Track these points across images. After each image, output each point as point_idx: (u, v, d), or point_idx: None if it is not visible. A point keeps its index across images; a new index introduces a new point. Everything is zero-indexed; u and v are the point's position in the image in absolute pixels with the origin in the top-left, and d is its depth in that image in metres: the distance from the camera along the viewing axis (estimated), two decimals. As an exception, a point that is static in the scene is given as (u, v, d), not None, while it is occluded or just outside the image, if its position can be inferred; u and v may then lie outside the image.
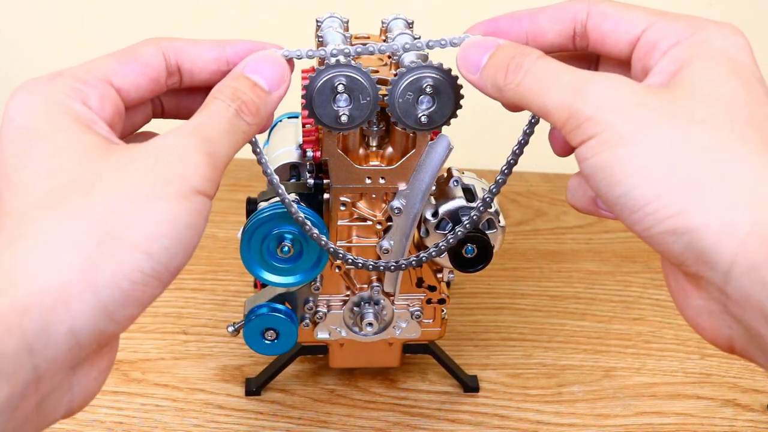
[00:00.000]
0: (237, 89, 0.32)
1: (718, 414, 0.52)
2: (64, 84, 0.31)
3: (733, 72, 0.29)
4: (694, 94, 0.28)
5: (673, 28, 0.31)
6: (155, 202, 0.27)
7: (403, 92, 0.37)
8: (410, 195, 0.41)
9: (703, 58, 0.30)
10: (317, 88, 0.37)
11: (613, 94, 0.28)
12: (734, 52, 0.30)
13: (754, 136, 0.27)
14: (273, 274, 0.42)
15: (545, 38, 0.34)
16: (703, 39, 0.30)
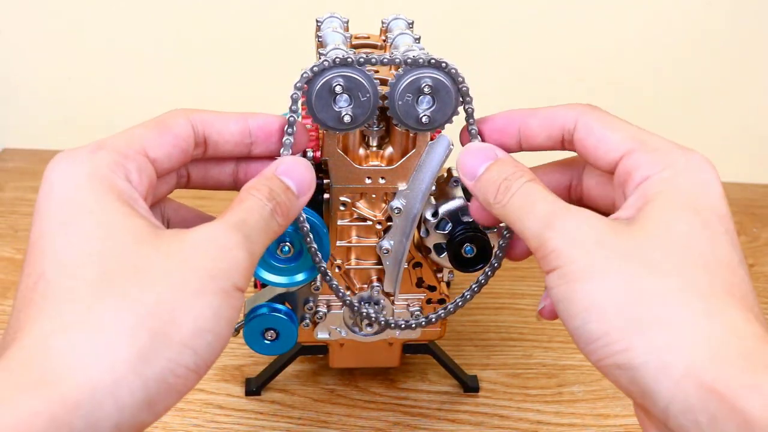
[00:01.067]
0: (273, 190, 0.34)
1: (718, 414, 0.52)
2: (107, 157, 0.31)
3: (693, 213, 0.30)
4: (651, 235, 0.30)
5: (646, 160, 0.33)
6: (202, 297, 0.28)
7: (403, 93, 0.37)
8: (410, 195, 0.41)
9: (666, 196, 0.31)
10: (316, 92, 0.37)
11: (577, 231, 0.30)
12: (698, 190, 0.31)
13: (701, 279, 0.29)
14: (273, 274, 0.42)
15: (536, 140, 0.37)
16: (670, 176, 0.32)
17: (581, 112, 0.35)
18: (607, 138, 0.34)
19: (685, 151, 0.33)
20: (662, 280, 0.29)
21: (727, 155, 0.84)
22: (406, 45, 0.40)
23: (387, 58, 0.37)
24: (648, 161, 0.32)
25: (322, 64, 0.36)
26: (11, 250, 0.66)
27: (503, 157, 0.36)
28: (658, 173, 0.32)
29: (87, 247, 0.28)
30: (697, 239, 0.30)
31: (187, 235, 0.30)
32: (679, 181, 0.31)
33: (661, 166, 0.32)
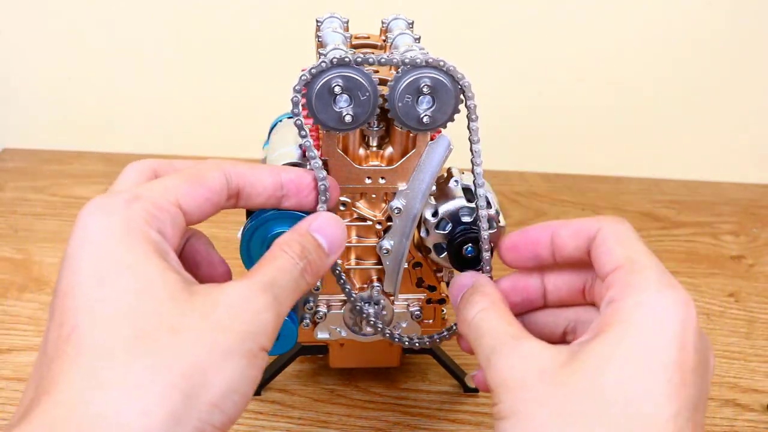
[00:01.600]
0: (305, 248, 0.35)
1: (718, 414, 0.52)
2: (143, 209, 0.31)
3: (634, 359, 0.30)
4: (580, 382, 0.30)
5: (623, 282, 0.33)
6: (231, 359, 0.29)
7: (402, 93, 0.37)
8: (410, 195, 0.41)
9: (616, 333, 0.31)
10: (315, 93, 0.37)
11: (508, 372, 0.31)
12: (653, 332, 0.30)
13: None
14: (273, 274, 0.42)
15: (566, 250, 0.37)
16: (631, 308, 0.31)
17: (606, 224, 0.36)
18: (611, 251, 0.34)
19: (662, 286, 0.32)
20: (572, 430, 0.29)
21: (727, 155, 0.84)
22: (406, 45, 0.40)
23: (385, 58, 0.37)
24: (621, 283, 0.32)
25: (320, 65, 0.36)
26: (11, 250, 0.66)
27: (475, 283, 0.38)
28: (621, 301, 0.32)
29: (123, 303, 0.28)
30: (625, 390, 0.29)
31: (220, 295, 0.30)
32: (635, 318, 0.31)
33: (627, 294, 0.32)
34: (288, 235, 0.35)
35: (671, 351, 0.30)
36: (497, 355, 0.32)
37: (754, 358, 0.57)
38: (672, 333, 0.30)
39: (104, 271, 0.29)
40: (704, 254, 0.70)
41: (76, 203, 0.73)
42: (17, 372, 0.53)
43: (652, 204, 0.78)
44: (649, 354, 0.30)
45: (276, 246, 0.34)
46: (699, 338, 0.31)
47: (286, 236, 0.35)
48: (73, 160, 0.81)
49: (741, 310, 0.63)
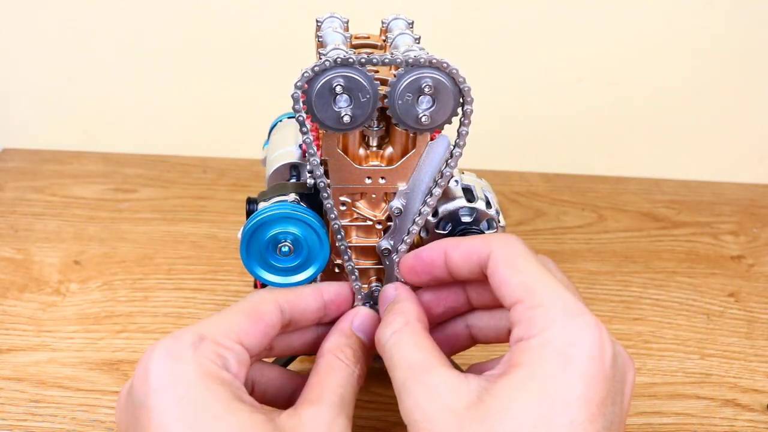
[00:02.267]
0: (355, 351, 0.38)
1: (718, 414, 0.52)
2: (209, 351, 0.33)
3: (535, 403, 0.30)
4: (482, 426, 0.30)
5: (525, 318, 0.32)
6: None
7: (403, 93, 0.37)
8: (410, 195, 0.41)
9: (519, 376, 0.31)
10: (316, 92, 0.37)
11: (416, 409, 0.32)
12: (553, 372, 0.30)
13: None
14: (273, 274, 0.42)
15: (461, 273, 0.38)
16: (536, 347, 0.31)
17: (495, 247, 0.35)
18: (506, 282, 0.34)
19: (566, 315, 0.31)
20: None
21: (727, 155, 0.84)
22: (406, 45, 0.41)
23: (388, 58, 0.37)
24: (527, 320, 0.32)
25: (323, 63, 0.36)
26: (11, 250, 0.66)
27: (396, 297, 0.39)
28: (529, 339, 0.31)
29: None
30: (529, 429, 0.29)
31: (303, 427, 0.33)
32: (543, 354, 0.31)
33: (536, 329, 0.31)
34: (336, 339, 0.38)
35: (579, 389, 0.30)
36: (406, 391, 0.33)
37: (754, 358, 0.57)
38: (579, 370, 0.30)
39: (194, 421, 0.31)
40: (704, 254, 0.70)
41: (75, 203, 0.73)
42: (17, 372, 0.53)
43: (652, 204, 0.79)
44: (552, 397, 0.30)
45: (329, 354, 0.37)
46: (611, 365, 0.31)
47: (334, 340, 0.38)
48: (73, 160, 0.81)
49: (741, 310, 0.63)
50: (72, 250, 0.66)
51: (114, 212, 0.72)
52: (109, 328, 0.57)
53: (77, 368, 0.53)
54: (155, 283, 0.63)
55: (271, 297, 0.38)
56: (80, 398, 0.51)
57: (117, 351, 0.55)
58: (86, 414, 0.49)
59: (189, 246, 0.68)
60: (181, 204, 0.74)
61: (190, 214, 0.73)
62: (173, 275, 0.64)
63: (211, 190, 0.77)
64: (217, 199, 0.75)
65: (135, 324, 0.58)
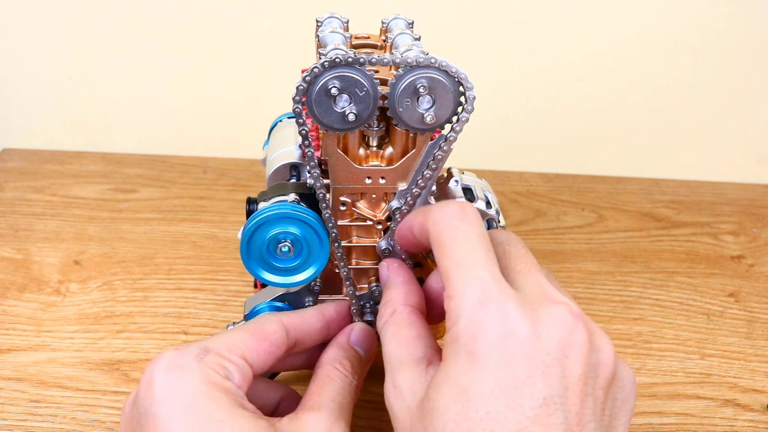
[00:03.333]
0: (353, 363, 0.40)
1: (718, 414, 0.52)
2: (213, 362, 0.35)
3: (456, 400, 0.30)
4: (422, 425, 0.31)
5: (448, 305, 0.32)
6: None
7: (402, 94, 0.37)
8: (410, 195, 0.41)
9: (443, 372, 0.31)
10: (314, 99, 0.37)
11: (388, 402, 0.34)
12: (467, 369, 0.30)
13: None
14: (273, 274, 0.42)
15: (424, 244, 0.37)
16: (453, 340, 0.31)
17: (429, 221, 0.35)
18: (438, 264, 0.33)
19: (473, 309, 0.31)
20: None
21: (727, 155, 0.84)
22: (405, 45, 0.40)
23: (375, 58, 0.37)
24: (447, 312, 0.32)
25: (313, 71, 0.36)
26: (11, 250, 0.66)
27: (386, 284, 0.40)
28: (446, 334, 0.32)
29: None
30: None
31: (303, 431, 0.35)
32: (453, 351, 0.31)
33: (449, 324, 0.31)
34: (335, 351, 0.40)
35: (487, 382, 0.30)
36: (385, 388, 0.35)
37: (754, 358, 0.57)
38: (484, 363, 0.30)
39: (199, 429, 0.32)
40: (704, 254, 0.70)
41: (75, 203, 0.73)
42: (17, 372, 0.53)
43: (652, 204, 0.79)
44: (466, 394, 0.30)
45: (328, 364, 0.39)
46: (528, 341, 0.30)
47: (333, 352, 0.40)
48: (73, 160, 0.81)
49: (741, 311, 0.63)
50: (72, 250, 0.66)
51: (114, 212, 0.72)
52: (109, 328, 0.57)
53: (77, 368, 0.53)
54: (155, 283, 0.63)
55: (276, 318, 0.39)
56: (80, 398, 0.51)
57: (117, 351, 0.55)
58: (86, 414, 0.49)
59: (189, 246, 0.68)
60: (181, 204, 0.74)
61: (190, 214, 0.73)
62: (173, 275, 0.64)
63: (211, 190, 0.77)
64: (217, 199, 0.75)
65: (135, 324, 0.58)
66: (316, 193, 0.40)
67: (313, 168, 0.40)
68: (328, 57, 0.36)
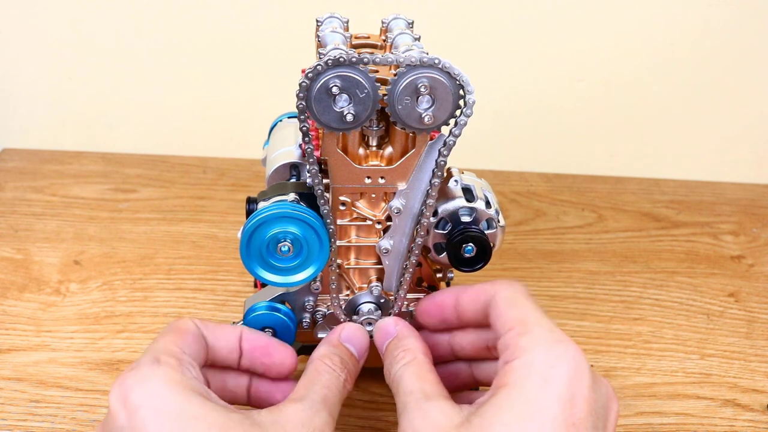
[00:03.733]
0: (342, 359, 0.40)
1: (718, 414, 0.52)
2: (169, 365, 0.35)
3: (522, 419, 0.32)
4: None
5: (513, 344, 0.35)
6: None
7: (402, 94, 0.37)
8: (410, 195, 0.41)
9: (507, 396, 0.33)
10: (314, 96, 0.37)
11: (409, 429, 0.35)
12: (538, 393, 0.33)
13: None
14: (273, 274, 0.42)
15: (467, 315, 0.41)
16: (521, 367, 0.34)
17: (500, 288, 0.39)
18: (503, 315, 0.37)
19: (550, 343, 0.34)
20: None
21: (727, 155, 0.84)
22: (405, 45, 0.41)
23: (379, 58, 0.37)
24: (513, 345, 0.35)
25: (316, 69, 0.36)
26: (11, 250, 0.66)
27: (399, 333, 0.41)
28: (514, 361, 0.34)
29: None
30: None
31: (285, 423, 0.35)
32: (521, 379, 0.33)
33: (520, 352, 0.34)
34: (324, 348, 0.41)
35: (557, 408, 0.32)
36: (405, 413, 0.36)
37: (754, 358, 0.57)
38: (558, 390, 0.32)
39: (175, 427, 0.33)
40: (704, 254, 0.70)
41: (75, 203, 0.73)
42: (17, 372, 0.53)
43: (652, 204, 0.79)
44: (531, 416, 0.32)
45: (317, 360, 0.40)
46: (591, 389, 0.33)
47: (322, 349, 0.41)
48: (73, 160, 0.81)
49: (741, 311, 0.63)
50: (72, 250, 0.66)
51: (114, 212, 0.72)
52: (109, 328, 0.57)
53: (77, 368, 0.53)
54: (155, 283, 0.63)
55: (186, 318, 0.40)
56: (80, 398, 0.51)
57: (117, 351, 0.55)
58: (86, 414, 0.49)
59: (189, 246, 0.68)
60: (181, 204, 0.74)
61: (190, 214, 0.73)
62: (173, 275, 0.64)
63: (211, 190, 0.77)
64: (217, 199, 0.75)
65: (135, 324, 0.58)
66: (314, 190, 0.40)
67: (312, 164, 0.39)
68: (331, 55, 0.36)
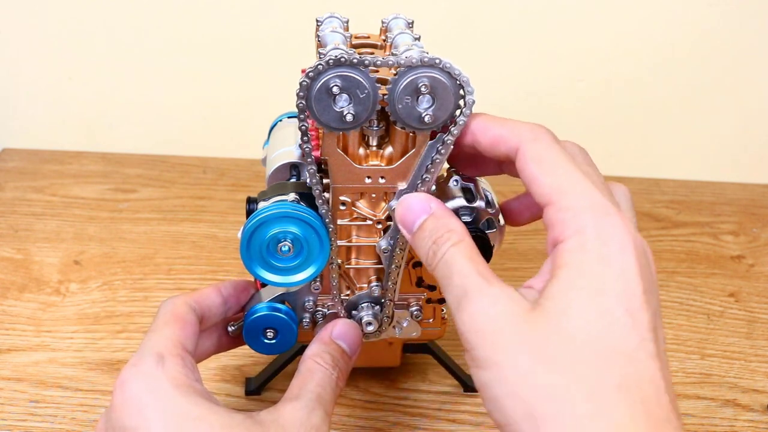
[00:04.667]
0: (334, 356, 0.41)
1: (718, 414, 0.52)
2: (172, 365, 0.36)
3: (591, 296, 0.30)
4: (548, 325, 0.30)
5: (559, 220, 0.32)
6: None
7: (402, 93, 0.37)
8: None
9: (568, 275, 0.31)
10: (314, 95, 0.37)
11: (480, 317, 0.31)
12: (600, 267, 0.31)
13: (591, 376, 0.29)
14: (273, 274, 0.42)
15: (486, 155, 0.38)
16: (576, 247, 0.31)
17: (523, 141, 0.35)
18: (536, 181, 0.34)
19: (597, 216, 0.32)
20: (554, 377, 0.29)
21: (727, 155, 0.84)
22: (405, 44, 0.40)
23: (381, 60, 0.37)
24: (560, 222, 0.32)
25: (317, 68, 0.36)
26: (11, 250, 0.66)
27: (436, 211, 0.37)
28: (566, 241, 0.32)
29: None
30: (591, 330, 0.30)
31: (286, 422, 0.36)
32: (581, 258, 0.31)
33: (570, 231, 0.32)
34: (316, 347, 0.41)
35: (620, 282, 0.31)
36: (468, 298, 0.32)
37: (755, 358, 0.57)
38: (618, 264, 0.31)
39: (179, 428, 0.33)
40: (704, 254, 0.70)
41: (75, 203, 0.73)
42: (16, 372, 0.53)
43: (652, 204, 0.78)
44: (603, 291, 0.30)
45: (309, 359, 0.41)
46: (643, 256, 0.32)
47: (314, 348, 0.41)
48: (73, 160, 0.81)
49: (741, 311, 0.63)
50: (72, 250, 0.66)
51: (114, 212, 0.72)
52: (108, 328, 0.57)
53: (77, 368, 0.53)
54: (155, 283, 0.63)
55: (181, 300, 0.41)
56: (80, 398, 0.51)
57: (117, 351, 0.55)
58: (86, 414, 0.49)
59: (189, 246, 0.68)
60: (181, 204, 0.74)
61: (190, 214, 0.73)
62: (173, 275, 0.64)
63: (211, 190, 0.77)
64: (217, 199, 0.75)
65: (135, 324, 0.58)
66: (312, 190, 0.40)
67: (310, 164, 0.39)
68: (334, 55, 0.36)
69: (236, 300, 0.44)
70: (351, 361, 0.43)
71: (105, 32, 0.78)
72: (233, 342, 0.45)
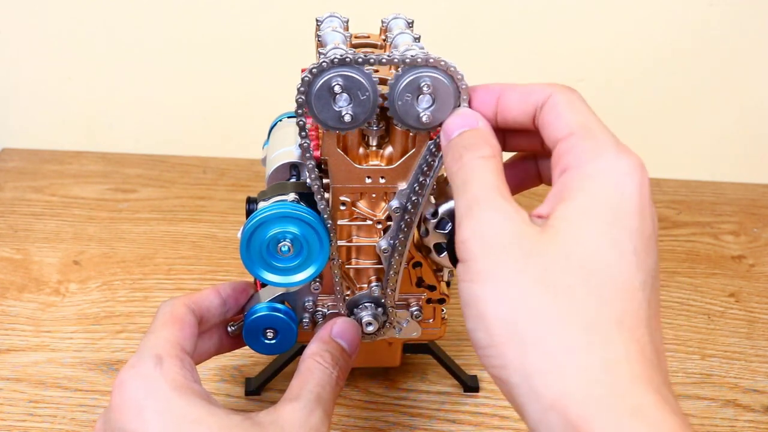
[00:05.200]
0: (333, 355, 0.41)
1: (719, 414, 0.52)
2: (171, 367, 0.36)
3: (603, 227, 0.29)
4: (555, 249, 0.29)
5: (577, 148, 0.32)
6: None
7: (402, 92, 0.37)
8: (410, 195, 0.41)
9: (581, 202, 0.30)
10: (315, 93, 0.37)
11: (488, 227, 0.30)
12: (615, 201, 0.30)
13: (591, 306, 0.28)
14: (273, 274, 0.42)
15: (510, 114, 0.36)
16: (591, 175, 0.30)
17: (557, 90, 0.35)
18: (562, 117, 0.33)
19: (618, 151, 0.31)
20: (552, 301, 0.28)
21: (727, 155, 0.84)
22: (405, 44, 0.40)
23: (386, 58, 0.37)
24: (577, 149, 0.31)
25: (321, 65, 0.36)
26: (11, 250, 0.66)
27: (481, 127, 0.35)
28: (580, 167, 0.31)
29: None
30: (599, 260, 0.29)
31: (284, 423, 0.36)
32: (598, 185, 0.30)
33: (586, 159, 0.31)
34: (316, 346, 0.41)
35: (634, 220, 0.30)
36: (480, 206, 0.31)
37: (755, 358, 0.57)
38: (633, 201, 0.30)
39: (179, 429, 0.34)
40: (704, 254, 0.70)
41: (75, 203, 0.73)
42: (16, 372, 0.53)
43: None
44: (617, 223, 0.29)
45: (309, 358, 0.40)
46: (651, 204, 0.31)
47: (314, 346, 0.41)
48: (73, 160, 0.81)
49: (741, 311, 0.63)
50: (71, 250, 0.66)
51: (114, 212, 0.72)
52: (108, 328, 0.57)
53: (76, 368, 0.53)
54: (155, 283, 0.63)
55: (180, 302, 0.41)
56: (79, 398, 0.51)
57: (116, 351, 0.55)
58: (85, 414, 0.49)
59: (189, 246, 0.68)
60: (181, 204, 0.74)
61: (190, 214, 0.73)
62: (173, 275, 0.64)
63: (211, 190, 0.77)
64: (217, 199, 0.75)
65: (135, 324, 0.58)
66: (311, 187, 0.40)
67: (309, 159, 0.39)
68: (338, 54, 0.36)
69: (235, 301, 0.44)
70: (351, 360, 0.42)
71: (105, 32, 0.78)
72: (233, 343, 0.45)
